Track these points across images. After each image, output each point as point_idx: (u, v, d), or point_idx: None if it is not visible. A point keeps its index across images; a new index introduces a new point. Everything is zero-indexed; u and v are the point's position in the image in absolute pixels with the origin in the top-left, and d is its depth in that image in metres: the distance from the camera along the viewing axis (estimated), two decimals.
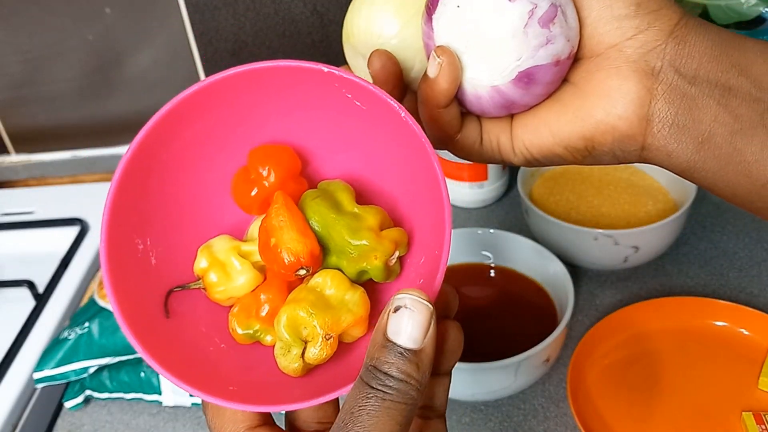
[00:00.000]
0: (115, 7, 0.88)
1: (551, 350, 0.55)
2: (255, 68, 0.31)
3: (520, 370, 0.54)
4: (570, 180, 0.73)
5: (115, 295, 0.30)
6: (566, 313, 0.56)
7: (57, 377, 0.61)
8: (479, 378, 0.55)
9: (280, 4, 0.86)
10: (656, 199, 0.70)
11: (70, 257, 0.78)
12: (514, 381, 0.55)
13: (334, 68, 0.31)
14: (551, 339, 0.54)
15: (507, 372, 0.54)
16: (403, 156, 0.32)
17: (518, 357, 0.53)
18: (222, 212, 0.35)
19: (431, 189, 0.30)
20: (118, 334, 0.60)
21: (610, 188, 0.71)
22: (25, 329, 0.70)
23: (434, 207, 0.30)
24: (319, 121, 0.34)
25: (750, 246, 0.70)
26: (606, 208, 0.69)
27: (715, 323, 0.61)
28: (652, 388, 0.58)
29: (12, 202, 0.89)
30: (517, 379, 0.55)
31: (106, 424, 0.62)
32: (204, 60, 0.91)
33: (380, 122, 0.32)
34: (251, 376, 0.33)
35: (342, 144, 0.35)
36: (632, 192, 0.70)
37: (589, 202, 0.70)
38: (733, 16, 0.72)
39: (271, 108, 0.33)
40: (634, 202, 0.70)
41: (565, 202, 0.71)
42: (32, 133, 0.99)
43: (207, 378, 0.31)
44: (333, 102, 0.32)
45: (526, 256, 0.64)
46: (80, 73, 0.93)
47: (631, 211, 0.69)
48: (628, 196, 0.70)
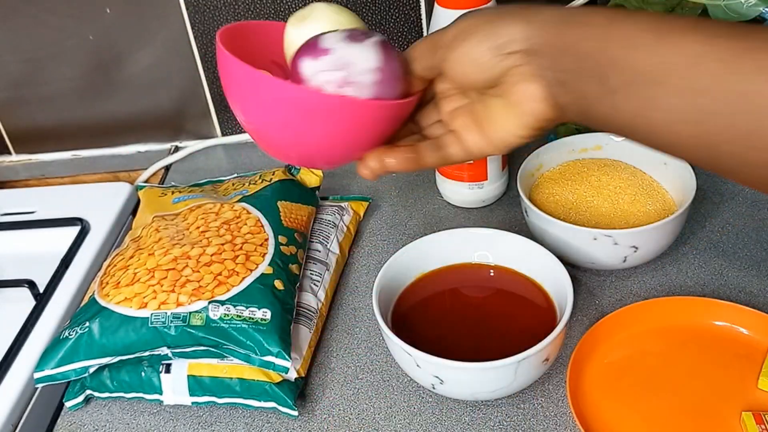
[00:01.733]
0: (116, 6, 0.88)
1: (550, 350, 0.55)
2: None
3: (519, 369, 0.54)
4: (569, 180, 0.73)
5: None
6: (565, 313, 0.56)
7: (57, 377, 0.61)
8: (479, 378, 0.55)
9: (280, 4, 0.86)
10: (656, 199, 0.70)
11: (71, 257, 0.78)
12: (514, 380, 0.55)
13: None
14: (550, 338, 0.54)
15: (506, 371, 0.54)
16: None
17: (517, 356, 0.53)
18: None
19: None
20: (119, 333, 0.60)
21: (610, 188, 0.71)
22: (26, 329, 0.70)
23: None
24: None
25: (750, 246, 0.70)
26: (605, 208, 0.70)
27: (715, 323, 0.61)
28: (651, 387, 0.58)
29: (12, 202, 0.89)
30: (517, 378, 0.55)
31: (106, 423, 0.62)
32: (204, 60, 0.91)
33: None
34: None
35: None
36: (632, 192, 0.71)
37: (588, 202, 0.70)
38: (733, 16, 0.72)
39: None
40: (634, 202, 0.70)
41: (564, 201, 0.71)
42: (32, 133, 0.99)
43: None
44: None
45: (525, 255, 0.64)
46: (80, 73, 0.93)
47: (630, 211, 0.69)
48: (627, 196, 0.70)
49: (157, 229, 0.69)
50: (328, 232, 0.74)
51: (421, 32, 0.88)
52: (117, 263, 0.66)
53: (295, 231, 0.69)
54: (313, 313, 0.66)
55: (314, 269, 0.69)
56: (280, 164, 0.84)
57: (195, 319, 0.60)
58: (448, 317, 0.63)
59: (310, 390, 0.62)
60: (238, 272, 0.62)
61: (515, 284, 0.65)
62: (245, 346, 0.59)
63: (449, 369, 0.54)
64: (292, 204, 0.72)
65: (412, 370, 0.57)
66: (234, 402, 0.61)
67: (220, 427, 0.61)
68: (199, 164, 0.95)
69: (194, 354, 0.60)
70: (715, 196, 0.77)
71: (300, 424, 0.60)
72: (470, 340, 0.60)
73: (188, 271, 0.62)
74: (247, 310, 0.60)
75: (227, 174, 0.87)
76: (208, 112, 0.96)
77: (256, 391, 0.60)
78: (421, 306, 0.64)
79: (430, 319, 0.63)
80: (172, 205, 0.74)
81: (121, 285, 0.63)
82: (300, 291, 0.66)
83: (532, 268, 0.64)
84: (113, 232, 0.83)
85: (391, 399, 0.61)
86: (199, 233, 0.66)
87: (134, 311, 0.60)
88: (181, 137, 0.99)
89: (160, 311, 0.60)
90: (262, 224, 0.67)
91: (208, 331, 0.59)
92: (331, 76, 0.43)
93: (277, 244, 0.66)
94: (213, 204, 0.71)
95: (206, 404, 0.62)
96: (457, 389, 0.57)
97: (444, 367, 0.54)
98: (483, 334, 0.61)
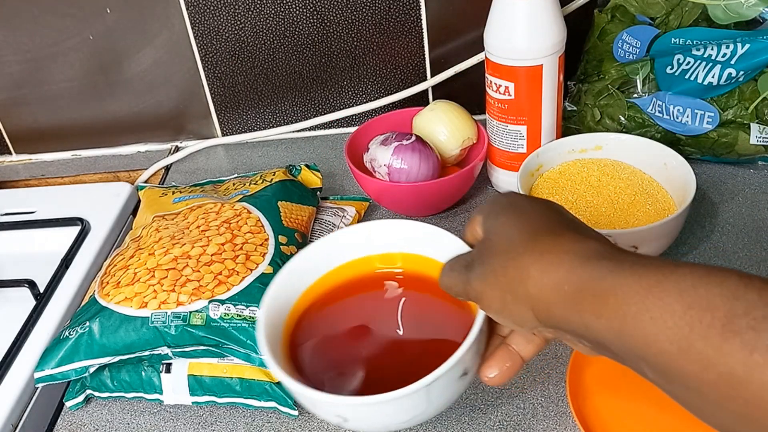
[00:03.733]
0: (116, 7, 0.88)
1: (467, 362, 0.44)
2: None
3: (432, 392, 0.43)
4: (569, 180, 0.73)
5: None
6: (478, 317, 0.45)
7: (57, 376, 0.61)
8: (384, 411, 0.43)
9: (280, 4, 0.86)
10: (655, 199, 0.70)
11: (71, 257, 0.78)
12: (429, 405, 0.44)
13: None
14: (460, 354, 0.42)
15: (416, 398, 0.42)
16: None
17: (423, 381, 0.41)
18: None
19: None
20: (119, 333, 0.60)
21: (609, 188, 0.71)
22: (26, 329, 0.70)
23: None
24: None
25: (750, 246, 0.71)
26: (605, 207, 0.70)
27: None
28: (652, 387, 0.58)
29: (13, 202, 0.89)
30: (432, 402, 0.44)
31: (106, 423, 0.62)
32: (204, 60, 0.91)
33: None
34: None
35: None
36: (631, 192, 0.71)
37: (588, 201, 0.70)
38: (733, 16, 0.72)
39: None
40: (634, 201, 0.70)
41: (564, 201, 0.71)
42: (33, 133, 0.99)
43: None
44: None
45: (433, 243, 0.51)
46: (81, 73, 0.93)
47: (630, 210, 0.69)
48: (627, 196, 0.70)
49: (157, 228, 0.69)
50: (328, 233, 0.74)
51: (422, 33, 0.88)
52: (117, 263, 0.66)
53: (296, 231, 0.69)
54: None
55: None
56: (280, 164, 0.84)
57: (195, 318, 0.60)
58: (354, 341, 0.51)
59: None
60: (239, 272, 0.62)
61: (429, 288, 0.51)
62: (245, 345, 0.59)
63: (349, 407, 0.44)
64: (292, 204, 0.72)
65: (311, 408, 0.46)
66: (234, 402, 0.61)
67: (220, 427, 0.61)
68: (200, 164, 0.95)
69: (194, 353, 0.60)
70: (715, 196, 0.77)
71: (300, 424, 0.60)
72: (381, 366, 0.49)
73: (188, 270, 0.62)
74: (248, 309, 0.60)
75: (227, 174, 0.87)
76: (208, 112, 0.96)
77: (257, 391, 0.60)
78: (320, 330, 0.51)
79: (333, 344, 0.50)
80: (173, 205, 0.74)
81: (122, 285, 0.63)
82: None
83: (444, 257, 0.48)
84: (113, 232, 0.83)
85: None
86: (200, 232, 0.66)
87: (134, 311, 0.60)
88: (181, 137, 0.99)
89: (161, 311, 0.60)
90: (263, 224, 0.68)
91: (209, 331, 0.59)
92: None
93: (277, 244, 0.66)
94: (213, 203, 0.71)
95: (206, 404, 0.62)
96: (366, 424, 0.46)
97: (343, 407, 0.44)
98: (395, 356, 0.50)
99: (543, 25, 0.68)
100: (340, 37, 0.88)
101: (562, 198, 0.71)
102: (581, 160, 0.75)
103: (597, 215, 0.69)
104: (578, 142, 0.75)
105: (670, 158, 0.70)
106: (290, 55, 0.90)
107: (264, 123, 0.97)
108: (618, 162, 0.74)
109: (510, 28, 0.69)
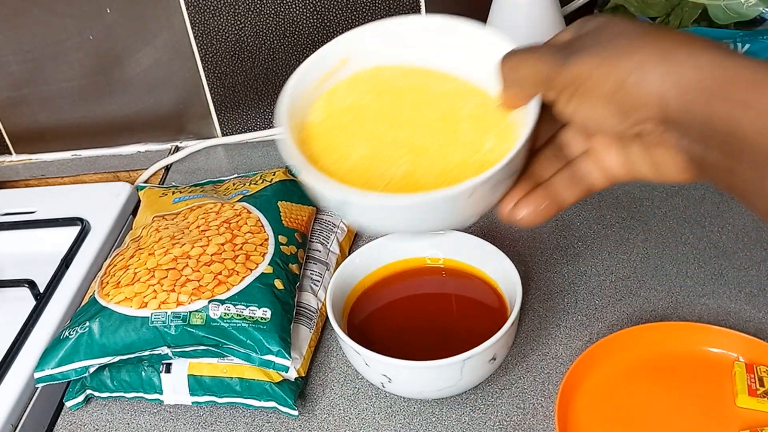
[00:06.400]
0: (116, 7, 0.88)
1: (497, 349, 0.56)
2: None
3: (465, 368, 0.55)
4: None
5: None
6: (513, 311, 0.57)
7: (57, 376, 0.61)
8: (425, 376, 0.56)
9: (281, 5, 0.86)
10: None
11: (71, 257, 0.78)
12: (460, 379, 0.56)
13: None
14: (495, 338, 0.54)
15: (452, 370, 0.55)
16: None
17: (462, 355, 0.54)
18: None
19: None
20: (119, 333, 0.60)
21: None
22: (26, 329, 0.70)
23: None
24: None
25: (750, 246, 0.70)
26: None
27: (708, 349, 0.59)
28: (643, 411, 0.56)
29: (13, 202, 0.89)
30: (463, 377, 0.56)
31: (106, 423, 0.62)
32: (204, 60, 0.91)
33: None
34: None
35: None
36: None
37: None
38: (733, 16, 0.72)
39: None
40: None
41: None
42: (33, 133, 0.99)
43: None
44: None
45: (478, 255, 0.64)
46: (81, 73, 0.93)
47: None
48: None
49: (157, 228, 0.69)
50: (329, 232, 0.74)
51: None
52: (117, 263, 0.66)
53: (296, 231, 0.69)
54: (313, 312, 0.66)
55: (314, 269, 0.69)
56: (280, 164, 0.84)
57: (195, 318, 0.60)
58: (402, 318, 0.64)
59: (310, 390, 0.62)
60: (238, 271, 0.62)
61: (469, 285, 0.65)
62: (245, 345, 0.59)
63: (396, 368, 0.55)
64: (292, 204, 0.72)
65: (362, 368, 0.58)
66: (234, 401, 0.61)
67: (220, 427, 0.61)
68: (200, 164, 0.95)
69: (194, 353, 0.60)
70: (715, 196, 0.77)
71: (300, 424, 0.60)
72: (422, 340, 0.62)
73: (188, 270, 0.62)
74: (247, 309, 0.60)
75: (228, 174, 0.87)
76: (208, 112, 0.96)
77: (257, 391, 0.60)
78: (375, 307, 0.64)
79: (384, 320, 0.64)
80: (173, 205, 0.74)
81: (122, 285, 0.63)
82: (300, 291, 0.66)
83: (487, 268, 0.64)
84: (113, 232, 0.83)
85: (391, 399, 0.61)
86: (200, 232, 0.66)
87: (134, 311, 0.61)
88: (181, 137, 0.99)
89: (161, 311, 0.60)
90: (263, 224, 0.68)
91: (209, 331, 0.59)
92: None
93: (277, 244, 0.66)
94: (213, 203, 0.71)
95: (206, 404, 0.62)
96: (405, 387, 0.58)
97: (391, 366, 0.55)
98: (435, 334, 0.62)
99: (543, 25, 0.68)
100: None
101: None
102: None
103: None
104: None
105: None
106: (290, 55, 0.90)
107: (264, 123, 0.97)
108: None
109: (510, 28, 0.69)
